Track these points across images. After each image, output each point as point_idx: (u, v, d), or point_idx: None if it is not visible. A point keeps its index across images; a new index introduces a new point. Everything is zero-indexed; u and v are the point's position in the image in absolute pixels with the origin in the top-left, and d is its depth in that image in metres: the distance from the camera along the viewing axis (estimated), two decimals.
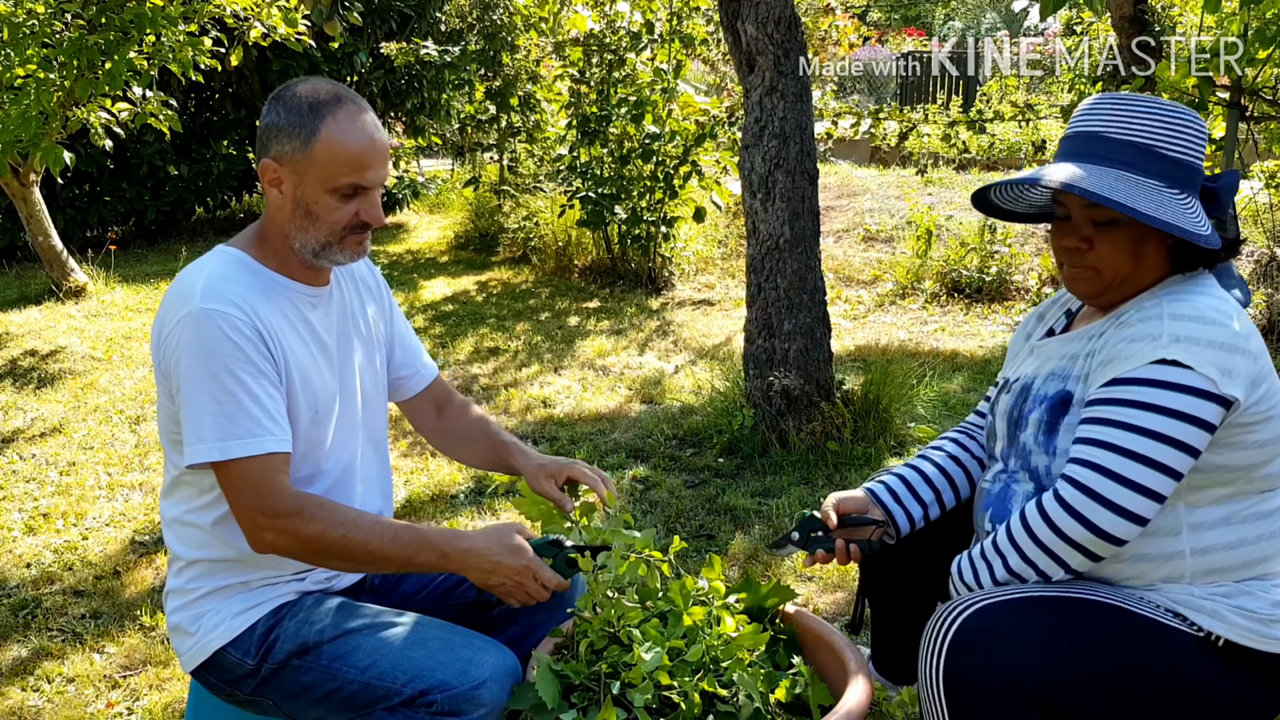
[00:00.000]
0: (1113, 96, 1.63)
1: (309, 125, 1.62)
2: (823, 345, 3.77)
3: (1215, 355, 1.48)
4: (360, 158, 1.64)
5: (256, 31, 5.64)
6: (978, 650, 1.49)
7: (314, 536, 1.58)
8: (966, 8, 23.39)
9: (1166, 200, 1.55)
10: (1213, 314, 1.53)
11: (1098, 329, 1.65)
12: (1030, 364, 1.76)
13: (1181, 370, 1.48)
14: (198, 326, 1.57)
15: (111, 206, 8.32)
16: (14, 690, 2.50)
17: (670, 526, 3.27)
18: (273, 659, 1.67)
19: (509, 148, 8.40)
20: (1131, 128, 1.59)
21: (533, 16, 7.39)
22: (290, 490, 1.59)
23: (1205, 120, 3.62)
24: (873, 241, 7.38)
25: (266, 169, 1.66)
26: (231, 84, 8.68)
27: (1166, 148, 1.58)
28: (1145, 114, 1.59)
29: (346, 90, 1.68)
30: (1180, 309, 1.53)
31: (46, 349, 5.45)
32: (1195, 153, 1.60)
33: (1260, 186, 5.75)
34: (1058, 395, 1.64)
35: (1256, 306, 5.10)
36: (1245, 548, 1.56)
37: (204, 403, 1.57)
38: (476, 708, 1.56)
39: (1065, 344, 1.70)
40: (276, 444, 1.58)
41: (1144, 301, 1.60)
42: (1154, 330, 1.52)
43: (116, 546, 3.26)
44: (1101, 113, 1.62)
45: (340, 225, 1.67)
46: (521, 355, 5.27)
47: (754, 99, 3.65)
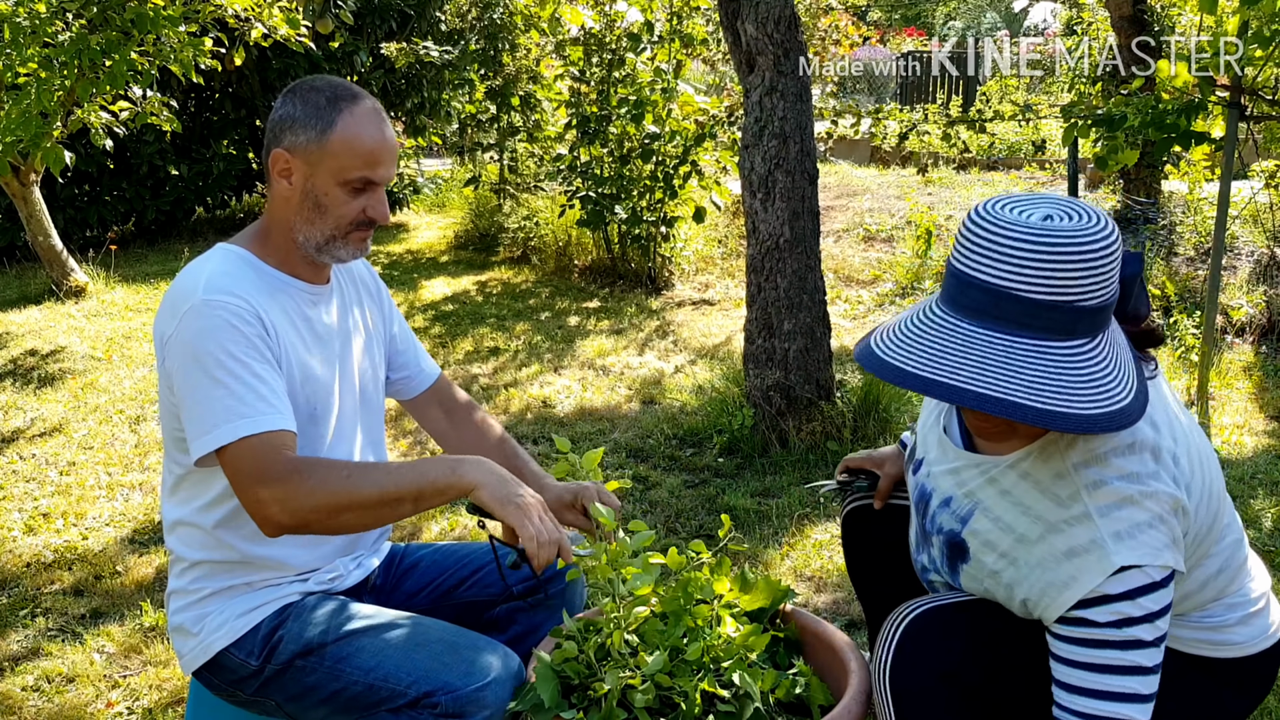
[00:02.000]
0: (1022, 235, 1.32)
1: (326, 117, 1.64)
2: (823, 345, 3.78)
3: (1154, 535, 1.37)
4: (374, 152, 1.66)
5: (258, 32, 5.64)
6: (918, 646, 1.49)
7: (317, 490, 1.50)
8: (966, 8, 23.39)
9: (1082, 378, 1.34)
10: (1134, 489, 1.38)
11: (994, 466, 1.51)
12: (933, 454, 1.65)
13: (1136, 572, 1.36)
14: (201, 316, 1.57)
15: (111, 206, 8.32)
16: (14, 690, 2.50)
17: (670, 526, 3.27)
18: (276, 660, 1.67)
19: (509, 147, 8.40)
20: (1052, 284, 1.31)
21: (533, 16, 7.39)
22: (291, 462, 1.53)
23: (1205, 121, 3.62)
24: (873, 241, 7.38)
25: (278, 159, 1.67)
26: (231, 84, 8.68)
27: (1090, 297, 1.34)
28: (1063, 263, 1.31)
29: (361, 89, 1.70)
30: (1101, 498, 1.39)
31: (46, 349, 5.45)
32: (1101, 289, 1.35)
33: (1260, 186, 5.75)
34: (951, 536, 1.57)
35: (1256, 306, 5.11)
36: (1191, 597, 1.53)
37: (209, 389, 1.55)
38: (481, 709, 1.55)
39: (963, 468, 1.57)
40: (283, 421, 1.56)
41: (1050, 459, 1.44)
42: (1089, 536, 1.38)
43: (116, 546, 3.26)
44: (1011, 261, 1.32)
45: (347, 219, 1.68)
46: (521, 355, 5.27)
47: (754, 99, 3.65)
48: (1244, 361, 4.79)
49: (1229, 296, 5.21)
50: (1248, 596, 1.56)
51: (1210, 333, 4.01)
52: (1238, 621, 1.53)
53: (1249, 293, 5.24)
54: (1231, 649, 1.53)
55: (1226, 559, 1.54)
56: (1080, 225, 1.33)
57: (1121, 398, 1.34)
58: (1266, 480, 3.50)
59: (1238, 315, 5.08)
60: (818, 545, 3.11)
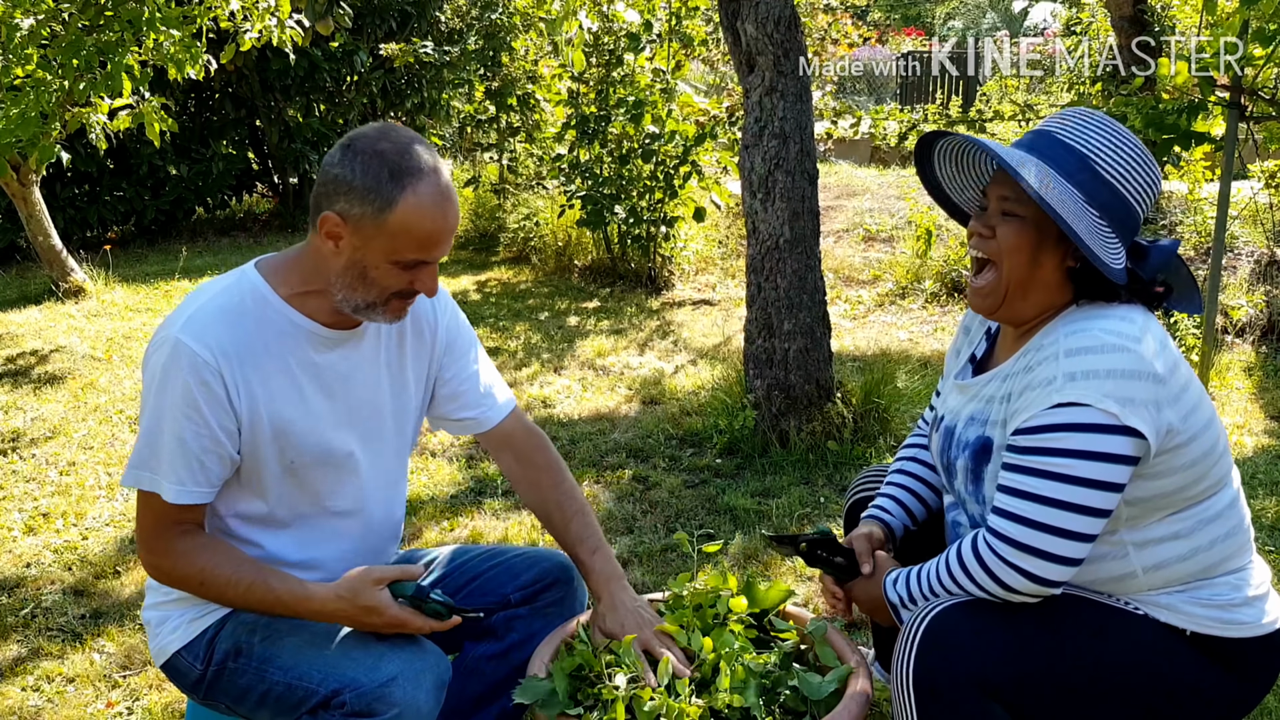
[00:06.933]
0: (1084, 110, 1.60)
1: (385, 194, 1.53)
2: (823, 345, 3.77)
3: (1113, 385, 1.44)
4: (433, 236, 1.56)
5: (248, 41, 5.62)
6: (945, 648, 1.50)
7: (176, 579, 1.65)
8: (966, 8, 23.38)
9: (1081, 211, 1.51)
10: (1111, 339, 1.47)
11: (1009, 368, 1.61)
12: (953, 401, 1.74)
13: (1079, 409, 1.44)
14: (164, 355, 1.59)
15: (111, 206, 8.32)
16: (14, 690, 2.50)
17: (670, 526, 3.27)
18: (215, 663, 1.69)
19: (508, 147, 8.40)
20: (1076, 135, 1.54)
21: (532, 17, 7.39)
22: (171, 534, 1.62)
23: (1205, 121, 3.62)
24: (873, 241, 7.38)
25: (328, 220, 1.56)
26: (231, 84, 8.68)
27: (1101, 165, 1.53)
28: (1097, 130, 1.55)
29: (426, 150, 1.58)
30: (1075, 342, 1.48)
31: (46, 349, 5.45)
32: (1132, 185, 1.54)
33: (1260, 186, 5.75)
34: (978, 441, 1.62)
35: (1256, 306, 5.11)
36: (1200, 555, 1.56)
37: (147, 424, 1.62)
38: (388, 707, 1.52)
39: (982, 385, 1.67)
40: (174, 495, 1.60)
41: (1044, 339, 1.55)
42: (1049, 373, 1.48)
43: (116, 546, 3.26)
44: (1061, 118, 1.58)
45: (391, 290, 1.61)
46: (521, 355, 5.27)
47: (754, 99, 3.65)
48: (1244, 361, 4.79)
49: (1229, 296, 5.21)
50: (1253, 579, 1.60)
51: (1210, 333, 4.01)
52: (1244, 602, 1.57)
53: (1249, 293, 5.24)
54: (1239, 628, 1.56)
55: (1226, 507, 1.59)
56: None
57: (1116, 253, 1.51)
58: (1266, 480, 3.50)
59: (1238, 315, 5.08)
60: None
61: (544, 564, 1.89)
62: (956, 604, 1.55)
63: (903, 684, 1.51)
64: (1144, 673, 1.53)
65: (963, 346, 1.84)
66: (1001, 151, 1.52)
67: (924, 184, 1.77)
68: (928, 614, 1.54)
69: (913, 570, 1.65)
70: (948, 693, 1.48)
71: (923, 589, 1.61)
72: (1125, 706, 1.54)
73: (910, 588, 1.63)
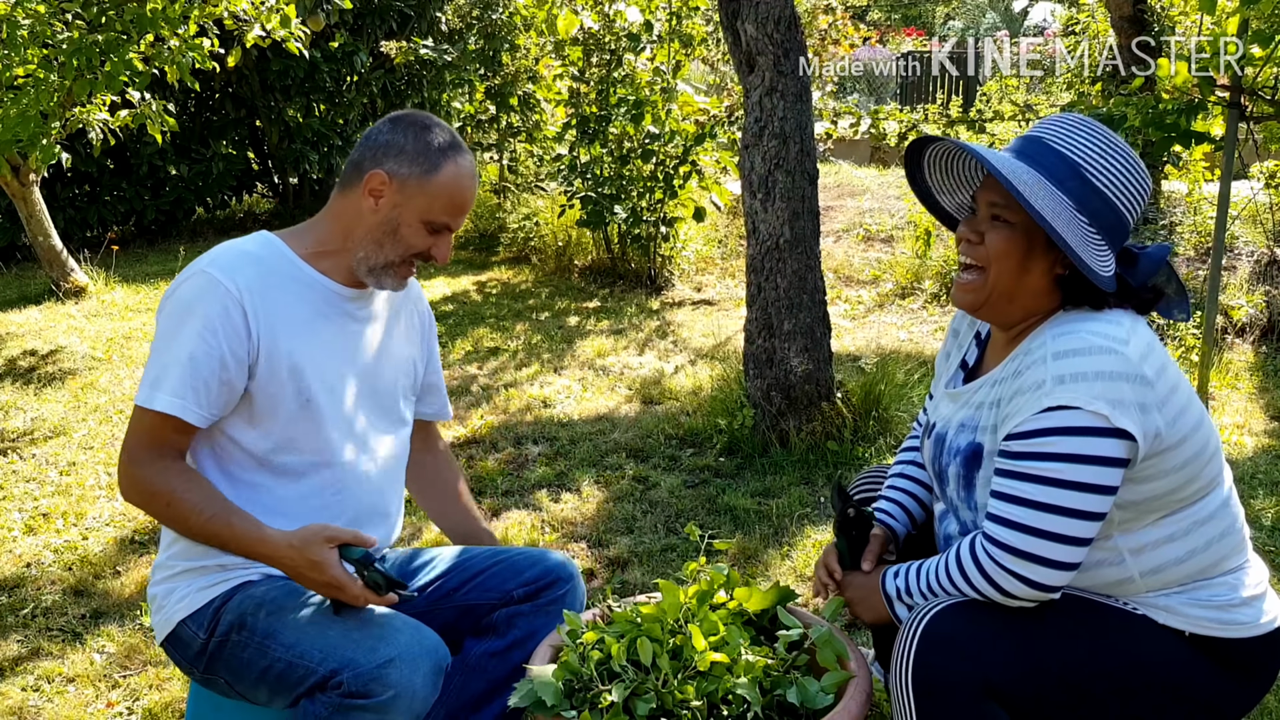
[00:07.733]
0: (1075, 115, 1.59)
1: (435, 160, 1.74)
2: (823, 345, 3.77)
3: (1102, 387, 1.44)
4: (463, 205, 1.79)
5: (253, 37, 5.63)
6: (944, 649, 1.50)
7: (146, 494, 1.68)
8: (966, 8, 23.38)
9: (1071, 219, 1.51)
10: (1099, 341, 1.48)
11: (999, 374, 1.61)
12: (945, 409, 1.75)
13: (1069, 412, 1.44)
14: (192, 284, 1.69)
15: (111, 206, 8.32)
16: (14, 690, 2.50)
17: (670, 526, 3.27)
18: (218, 634, 1.70)
19: (509, 147, 8.40)
20: (1067, 141, 1.54)
21: (532, 17, 7.39)
22: (156, 450, 1.67)
23: (1205, 121, 3.62)
24: (873, 241, 7.38)
25: (375, 178, 1.74)
26: (231, 84, 8.68)
27: (1092, 172, 1.53)
28: (1088, 136, 1.55)
29: (462, 140, 1.82)
30: (1063, 344, 1.49)
31: (46, 349, 5.45)
32: (1123, 193, 1.54)
33: (1260, 186, 5.75)
34: (969, 448, 1.62)
35: (1256, 306, 5.11)
36: (1196, 557, 1.56)
37: (154, 352, 1.68)
38: (384, 689, 1.54)
39: (973, 392, 1.67)
40: (167, 405, 1.65)
41: (1032, 343, 1.56)
42: (1038, 376, 1.48)
43: (116, 546, 3.26)
44: (1052, 123, 1.58)
45: (414, 250, 1.77)
46: (521, 355, 5.27)
47: (754, 99, 3.65)
48: (1244, 361, 4.79)
49: (1229, 296, 5.21)
50: (1251, 579, 1.60)
51: (1210, 333, 4.00)
52: (1242, 602, 1.57)
53: (1249, 293, 5.24)
54: (1238, 628, 1.56)
55: (1219, 508, 1.58)
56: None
57: (1105, 261, 1.51)
58: (1266, 480, 3.50)
59: (1238, 315, 5.08)
60: (818, 545, 3.10)
61: (546, 562, 1.92)
62: (956, 604, 1.55)
63: (902, 684, 1.51)
64: (1143, 673, 1.54)
65: (952, 350, 1.85)
66: (992, 158, 1.52)
67: (914, 190, 1.77)
68: (927, 614, 1.55)
69: (913, 565, 1.66)
70: (947, 693, 1.48)
71: (921, 586, 1.62)
72: (1125, 706, 1.54)
73: (909, 582, 1.64)
